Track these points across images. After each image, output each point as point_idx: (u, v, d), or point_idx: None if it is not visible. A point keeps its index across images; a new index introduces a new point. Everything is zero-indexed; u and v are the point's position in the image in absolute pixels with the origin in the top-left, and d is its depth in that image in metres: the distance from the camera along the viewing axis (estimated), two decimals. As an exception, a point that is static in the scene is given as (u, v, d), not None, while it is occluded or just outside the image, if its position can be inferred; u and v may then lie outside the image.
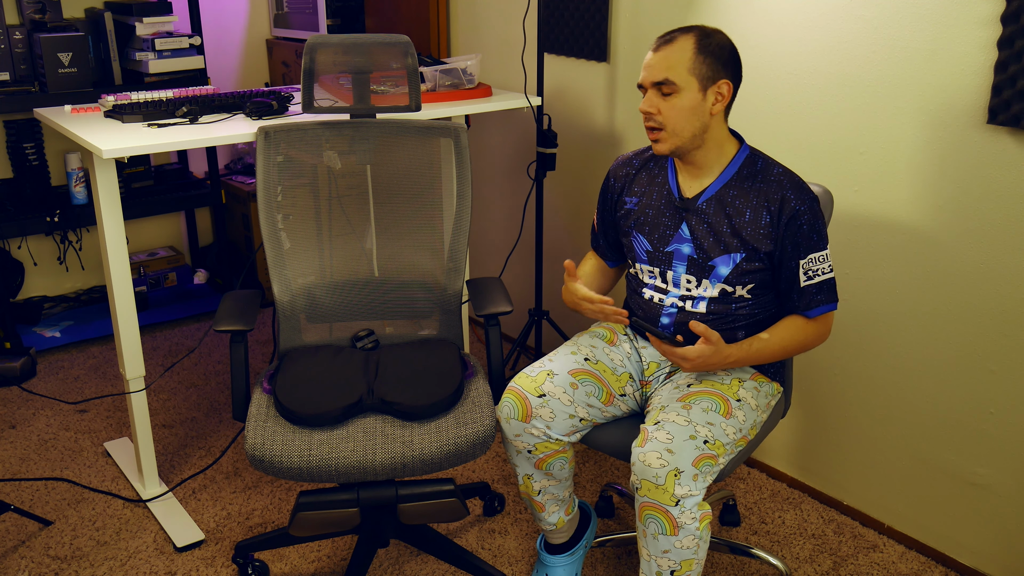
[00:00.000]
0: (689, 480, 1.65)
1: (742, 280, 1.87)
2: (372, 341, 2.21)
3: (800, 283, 1.84)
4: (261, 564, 2.20)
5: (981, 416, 2.12)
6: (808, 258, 1.83)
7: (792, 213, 1.81)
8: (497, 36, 3.24)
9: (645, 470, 1.67)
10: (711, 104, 1.81)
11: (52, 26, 3.20)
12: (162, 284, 3.83)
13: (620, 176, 2.02)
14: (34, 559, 2.26)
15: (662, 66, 1.79)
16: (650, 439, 1.70)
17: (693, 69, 1.78)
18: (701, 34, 1.80)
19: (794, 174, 1.86)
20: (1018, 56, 1.86)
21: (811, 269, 1.84)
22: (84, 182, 3.37)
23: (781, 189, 1.83)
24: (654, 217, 1.94)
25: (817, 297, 1.85)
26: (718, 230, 1.86)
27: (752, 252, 1.84)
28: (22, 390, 3.12)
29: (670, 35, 1.82)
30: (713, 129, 1.84)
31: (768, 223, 1.83)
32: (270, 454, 1.82)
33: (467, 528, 2.39)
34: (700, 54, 1.78)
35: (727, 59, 1.81)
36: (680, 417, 1.73)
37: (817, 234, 1.83)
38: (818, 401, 2.47)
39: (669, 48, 1.80)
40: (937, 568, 2.25)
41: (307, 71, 2.16)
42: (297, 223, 2.24)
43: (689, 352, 1.77)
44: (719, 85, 1.80)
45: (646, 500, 1.68)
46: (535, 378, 1.90)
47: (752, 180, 1.86)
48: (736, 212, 1.85)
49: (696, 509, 1.67)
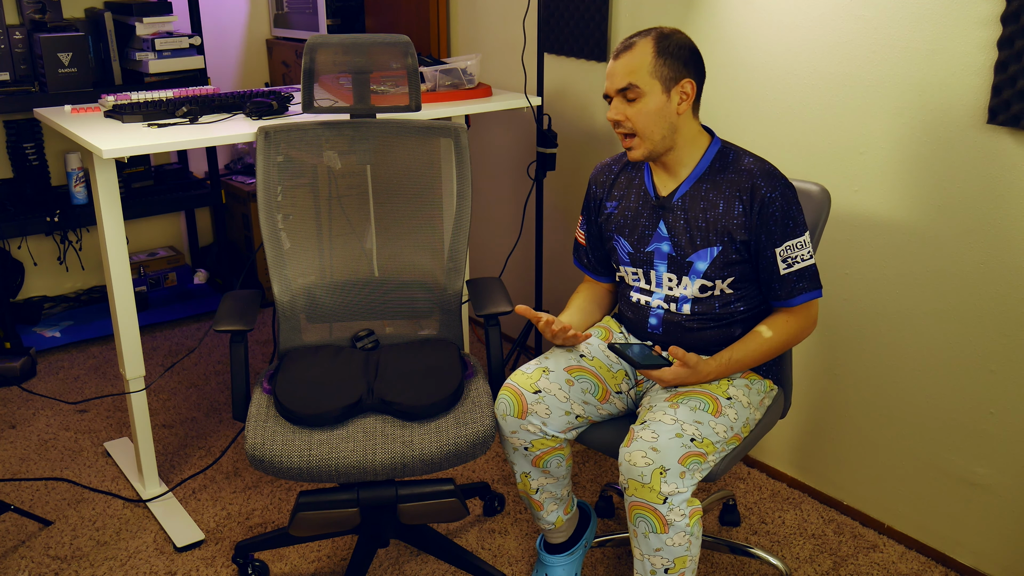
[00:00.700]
0: (676, 478, 1.66)
1: (721, 274, 1.87)
2: (372, 341, 2.21)
3: (780, 271, 1.85)
4: (261, 564, 2.20)
5: (981, 416, 2.12)
6: (784, 245, 1.83)
7: (763, 200, 1.82)
8: (497, 36, 3.24)
9: (631, 469, 1.68)
10: (676, 104, 1.83)
11: (52, 26, 3.20)
12: (162, 284, 3.83)
13: (600, 182, 2.05)
14: (34, 559, 2.26)
15: (623, 72, 1.82)
16: (636, 439, 1.70)
17: (654, 72, 1.80)
18: (659, 36, 1.82)
19: (765, 162, 1.86)
20: (1018, 56, 1.86)
21: (789, 256, 1.84)
22: (84, 182, 3.37)
23: (751, 178, 1.84)
24: (633, 219, 1.96)
25: (798, 285, 1.85)
26: (694, 225, 1.87)
27: (728, 244, 1.85)
28: (22, 390, 3.12)
29: (629, 41, 1.84)
30: (683, 128, 1.86)
31: (741, 213, 1.84)
32: (270, 454, 1.82)
33: (467, 528, 2.39)
34: (660, 56, 1.80)
35: (687, 58, 1.83)
36: (667, 416, 1.73)
37: (792, 220, 1.83)
38: (818, 401, 2.47)
39: (629, 54, 1.82)
40: (937, 568, 2.25)
41: (307, 71, 2.16)
42: (297, 223, 2.24)
43: (665, 373, 1.81)
44: (682, 85, 1.82)
45: (634, 499, 1.69)
46: (531, 375, 1.91)
47: (724, 172, 1.87)
48: (710, 205, 1.86)
49: (685, 506, 1.67)
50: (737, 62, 2.43)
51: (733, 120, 2.47)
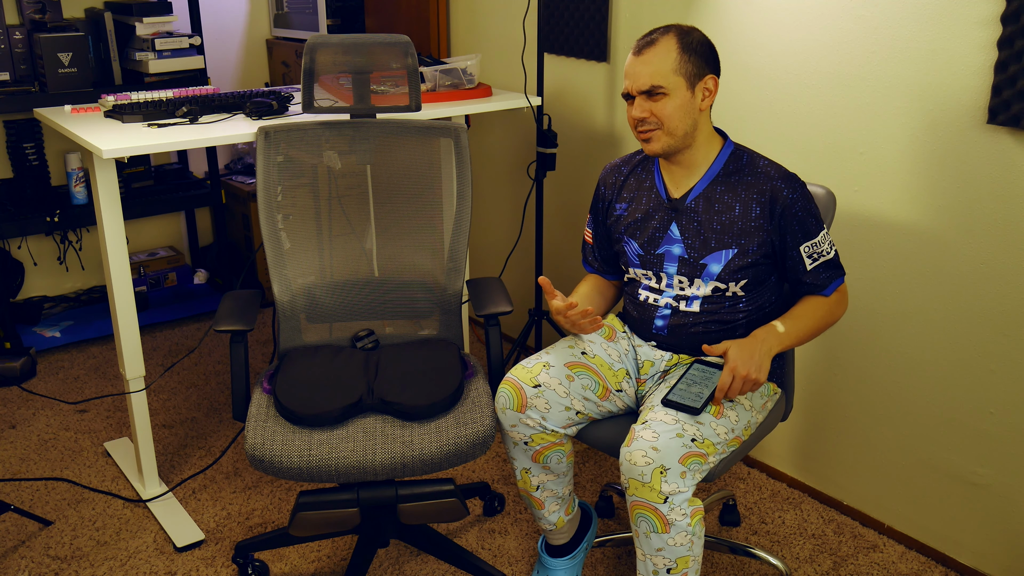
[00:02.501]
0: (676, 477, 1.65)
1: (735, 277, 1.87)
2: (372, 341, 2.21)
3: (807, 267, 1.86)
4: (261, 564, 2.20)
5: (981, 416, 2.12)
6: (809, 243, 1.85)
7: (786, 203, 1.82)
8: (497, 36, 3.24)
9: (631, 469, 1.68)
10: (700, 101, 1.83)
11: (52, 26, 3.20)
12: (162, 284, 3.83)
13: (610, 184, 2.04)
14: (34, 559, 2.26)
15: (647, 73, 1.80)
16: (636, 438, 1.70)
17: (679, 69, 1.79)
18: (681, 32, 1.82)
19: (780, 165, 1.87)
20: (1018, 56, 1.86)
21: (815, 252, 1.86)
22: (84, 182, 3.37)
23: (770, 180, 1.84)
24: (643, 221, 1.95)
25: (826, 275, 1.88)
26: (707, 228, 1.87)
27: (743, 247, 1.85)
28: (22, 390, 3.12)
29: (650, 37, 1.82)
30: (701, 126, 1.86)
31: (759, 215, 1.84)
32: (270, 454, 1.82)
33: (467, 528, 2.39)
34: (684, 52, 1.79)
35: (708, 55, 1.83)
36: (668, 416, 1.73)
37: (813, 218, 1.85)
38: (818, 401, 2.47)
39: (652, 51, 1.80)
40: (937, 568, 2.25)
41: (307, 71, 2.16)
42: (297, 223, 2.24)
43: (728, 355, 1.76)
44: (706, 81, 1.82)
45: (635, 499, 1.69)
46: (531, 369, 1.91)
47: (739, 175, 1.87)
48: (725, 208, 1.86)
49: (686, 505, 1.67)
50: (737, 62, 2.43)
51: (733, 120, 2.47)
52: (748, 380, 1.75)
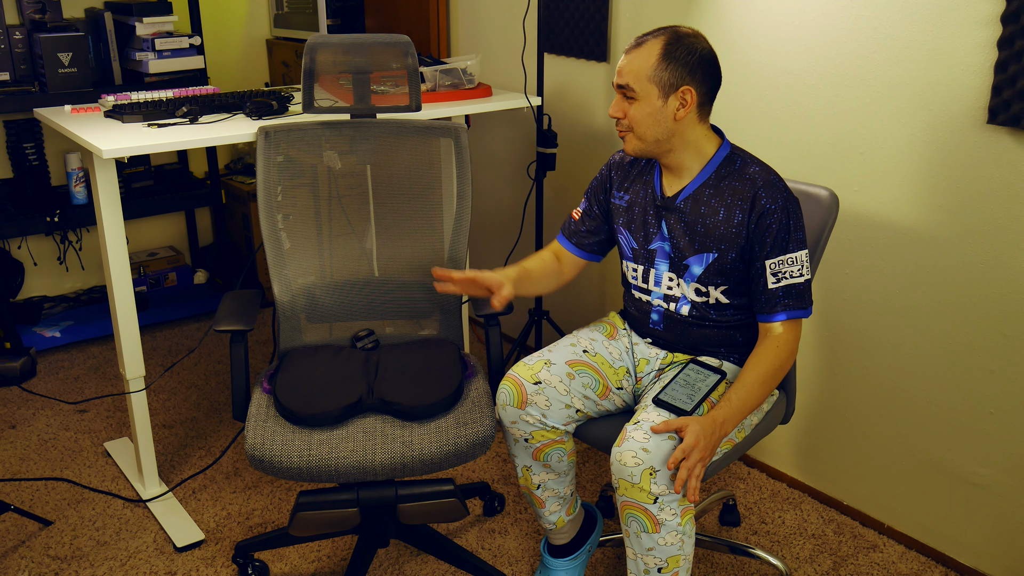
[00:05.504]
0: (666, 478, 1.65)
1: (714, 281, 1.86)
2: (372, 341, 2.21)
3: (767, 284, 1.80)
4: (261, 564, 2.20)
5: (981, 416, 2.12)
6: (777, 259, 1.78)
7: (762, 211, 1.78)
8: (497, 36, 3.24)
9: (621, 469, 1.68)
10: (674, 110, 1.78)
11: (52, 26, 3.20)
12: (162, 284, 3.83)
13: (617, 170, 2.02)
14: (34, 559, 2.26)
15: (625, 71, 1.80)
16: (628, 438, 1.70)
17: (653, 77, 1.76)
18: (670, 38, 1.77)
19: (771, 172, 1.82)
20: (1018, 56, 1.86)
21: (780, 271, 1.78)
22: (84, 182, 3.37)
23: (753, 187, 1.80)
24: (640, 215, 1.95)
25: (782, 301, 1.78)
26: (693, 229, 1.86)
27: (724, 252, 1.83)
28: (22, 390, 3.12)
29: (642, 38, 1.81)
30: (684, 133, 1.82)
31: (740, 221, 1.81)
32: (270, 454, 1.82)
33: (467, 528, 2.39)
34: (663, 60, 1.76)
35: (695, 64, 1.76)
36: (660, 416, 1.73)
37: (789, 235, 1.78)
38: (818, 401, 2.47)
39: (635, 53, 1.79)
40: (937, 568, 2.25)
41: (307, 71, 2.16)
42: (297, 223, 2.24)
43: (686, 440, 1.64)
44: (682, 92, 1.77)
45: (625, 499, 1.69)
46: (532, 366, 1.91)
47: (728, 179, 1.84)
48: (711, 211, 1.84)
49: (676, 505, 1.67)
50: (736, 62, 2.43)
51: (732, 120, 2.47)
52: (703, 462, 1.64)
